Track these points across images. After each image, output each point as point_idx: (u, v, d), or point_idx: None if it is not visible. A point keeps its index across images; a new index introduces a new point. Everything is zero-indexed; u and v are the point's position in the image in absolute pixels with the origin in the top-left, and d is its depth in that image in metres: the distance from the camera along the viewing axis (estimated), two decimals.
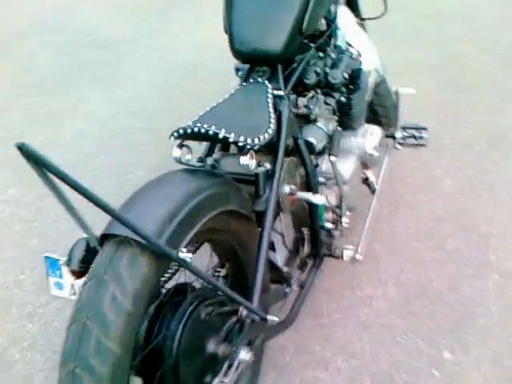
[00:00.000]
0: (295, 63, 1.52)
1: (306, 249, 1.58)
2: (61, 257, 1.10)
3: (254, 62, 1.44)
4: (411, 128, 1.91)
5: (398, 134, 1.88)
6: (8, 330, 1.74)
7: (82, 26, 3.84)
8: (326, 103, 1.54)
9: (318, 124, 1.49)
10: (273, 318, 1.20)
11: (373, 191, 1.85)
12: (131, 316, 0.96)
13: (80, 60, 3.39)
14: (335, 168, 1.51)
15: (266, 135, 1.23)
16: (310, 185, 1.47)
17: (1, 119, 2.80)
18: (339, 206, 1.59)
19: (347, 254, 1.58)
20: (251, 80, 1.43)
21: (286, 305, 1.52)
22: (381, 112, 2.11)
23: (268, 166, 1.31)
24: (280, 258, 1.51)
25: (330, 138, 1.52)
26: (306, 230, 1.57)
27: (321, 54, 1.61)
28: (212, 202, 1.12)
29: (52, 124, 2.75)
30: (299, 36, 1.41)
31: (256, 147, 1.20)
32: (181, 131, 1.20)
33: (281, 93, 1.39)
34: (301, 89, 1.56)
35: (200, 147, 1.34)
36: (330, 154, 1.48)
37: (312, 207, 1.49)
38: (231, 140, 1.17)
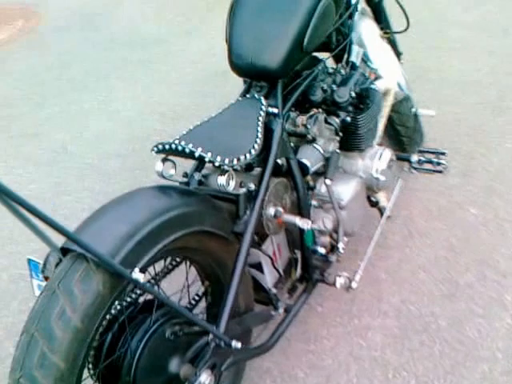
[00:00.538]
0: (300, 78, 1.47)
1: (298, 272, 1.52)
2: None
3: (252, 77, 1.40)
4: (429, 152, 1.80)
5: (414, 158, 1.78)
6: (6, 323, 1.79)
7: (124, 25, 3.92)
8: (327, 122, 1.48)
9: (315, 145, 1.43)
10: (237, 345, 1.15)
11: (383, 216, 1.76)
12: (79, 332, 0.95)
13: (115, 58, 3.45)
14: (331, 191, 1.45)
15: (248, 155, 1.19)
16: (300, 208, 1.41)
17: (32, 115, 2.89)
18: (336, 231, 1.52)
19: (340, 281, 1.51)
20: (248, 95, 1.39)
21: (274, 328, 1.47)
22: (402, 131, 2.02)
23: (252, 186, 1.27)
24: (269, 279, 1.47)
25: (328, 159, 1.45)
26: (298, 253, 1.51)
27: (330, 70, 1.55)
28: (180, 221, 1.09)
29: (77, 122, 2.81)
30: (301, 52, 1.36)
31: (235, 168, 1.17)
32: (160, 146, 1.18)
33: (275, 110, 1.35)
34: (307, 105, 1.51)
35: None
36: (324, 177, 1.42)
37: (301, 230, 1.43)
38: (207, 159, 1.13)
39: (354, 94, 1.50)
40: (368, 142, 1.60)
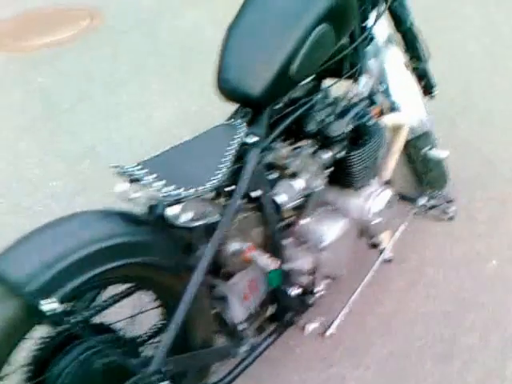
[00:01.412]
0: (295, 106, 1.39)
1: (268, 311, 1.44)
2: None
3: (237, 102, 1.34)
4: (438, 197, 1.65)
5: (421, 201, 1.64)
6: None
7: (186, 31, 3.95)
8: (315, 156, 1.38)
9: (294, 180, 1.34)
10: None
11: (379, 259, 1.64)
12: None
13: (167, 63, 3.48)
14: (308, 231, 1.35)
15: (208, 185, 1.13)
16: (271, 245, 1.33)
17: (72, 113, 2.96)
18: (314, 273, 1.43)
19: (309, 328, 1.41)
20: (231, 120, 1.33)
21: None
22: (420, 169, 1.88)
23: (215, 218, 1.21)
24: (236, 315, 1.39)
25: (307, 196, 1.36)
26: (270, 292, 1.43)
27: (331, 100, 1.46)
28: (118, 250, 1.06)
29: (110, 124, 2.85)
30: (288, 80, 1.29)
31: (184, 199, 1.12)
32: (118, 169, 1.14)
33: (254, 139, 1.28)
34: (301, 135, 1.42)
35: None
36: (300, 217, 1.33)
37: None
38: (152, 189, 1.09)
39: (349, 129, 1.40)
40: (364, 180, 1.49)
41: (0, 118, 2.95)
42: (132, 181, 1.13)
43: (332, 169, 1.43)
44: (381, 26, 1.79)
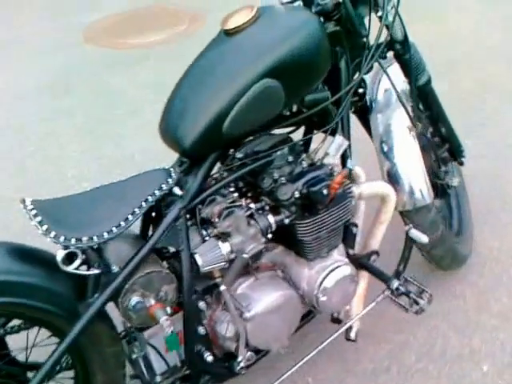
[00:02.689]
0: (251, 158, 1.29)
1: (184, 370, 1.36)
2: None
3: (174, 150, 1.28)
4: (414, 283, 1.42)
5: (394, 284, 1.43)
6: None
7: None
8: (252, 218, 1.27)
9: (220, 242, 1.23)
10: None
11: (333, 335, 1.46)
12: None
13: None
14: (229, 299, 1.24)
15: (106, 235, 1.09)
16: (186, 305, 1.25)
17: (126, 119, 3.03)
18: (237, 341, 1.31)
19: None
20: (168, 167, 1.28)
21: None
22: (420, 246, 1.65)
23: (115, 268, 1.17)
24: (155, 366, 1.34)
25: (231, 262, 1.25)
26: None
27: (292, 157, 1.33)
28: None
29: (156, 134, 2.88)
30: (221, 135, 1.20)
31: (72, 248, 1.09)
32: (22, 204, 1.15)
33: (180, 191, 1.21)
34: (258, 191, 1.32)
35: None
36: (220, 283, 1.23)
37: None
38: (40, 232, 1.08)
39: (298, 195, 1.27)
40: (317, 252, 1.35)
41: (59, 114, 3.11)
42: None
43: (272, 236, 1.30)
44: (395, 80, 1.61)
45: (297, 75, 1.23)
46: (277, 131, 1.39)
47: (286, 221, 1.29)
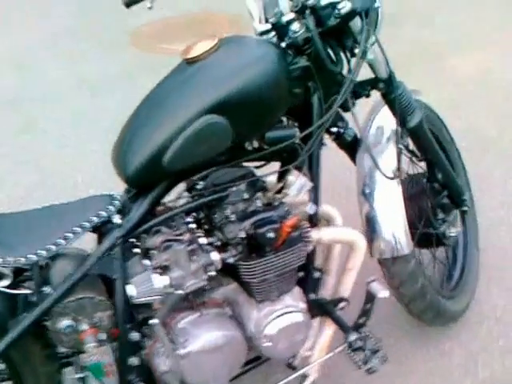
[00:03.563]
0: (208, 191, 1.27)
1: None
2: None
3: (120, 178, 1.27)
4: (371, 340, 1.32)
5: (351, 337, 1.33)
6: None
7: None
8: (195, 254, 1.23)
9: (156, 275, 1.20)
10: None
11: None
12: None
13: None
14: (163, 335, 1.22)
15: (22, 259, 1.11)
16: (120, 335, 1.24)
17: None
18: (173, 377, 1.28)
19: None
20: (115, 194, 1.27)
21: None
22: (400, 297, 1.55)
23: (47, 290, 1.17)
24: None
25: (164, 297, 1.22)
26: None
27: (248, 195, 1.29)
28: None
29: None
30: (161, 168, 1.18)
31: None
32: None
33: (118, 221, 1.20)
34: (207, 226, 1.30)
35: None
36: (154, 316, 1.21)
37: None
38: None
39: (243, 235, 1.22)
40: (266, 294, 1.29)
41: (87, 115, 3.16)
42: None
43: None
44: (387, 120, 1.53)
45: (246, 112, 1.18)
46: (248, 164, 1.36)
47: (231, 260, 1.24)
